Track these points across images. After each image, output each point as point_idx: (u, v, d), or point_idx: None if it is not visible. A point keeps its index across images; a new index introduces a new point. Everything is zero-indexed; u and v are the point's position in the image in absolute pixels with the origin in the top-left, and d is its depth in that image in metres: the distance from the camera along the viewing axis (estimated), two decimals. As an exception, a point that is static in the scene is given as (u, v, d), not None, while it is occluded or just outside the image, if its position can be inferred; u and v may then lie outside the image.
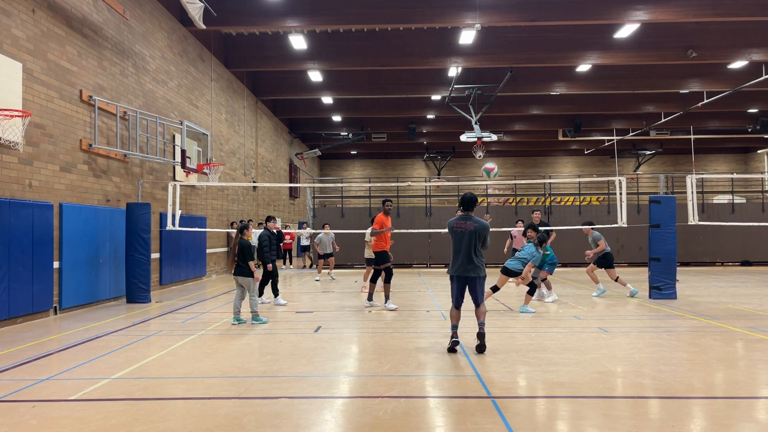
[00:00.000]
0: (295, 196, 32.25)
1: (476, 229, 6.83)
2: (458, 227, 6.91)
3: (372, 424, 4.45)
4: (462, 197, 7.10)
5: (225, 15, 15.61)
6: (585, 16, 15.83)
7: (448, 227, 7.07)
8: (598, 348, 7.10)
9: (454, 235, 6.93)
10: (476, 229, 6.83)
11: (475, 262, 6.82)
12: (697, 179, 13.46)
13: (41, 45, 9.94)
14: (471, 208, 7.02)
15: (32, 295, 9.51)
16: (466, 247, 6.82)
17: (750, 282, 15.60)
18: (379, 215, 10.77)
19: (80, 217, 10.93)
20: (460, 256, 6.87)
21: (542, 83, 22.65)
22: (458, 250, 6.89)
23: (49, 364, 6.62)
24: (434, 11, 15.84)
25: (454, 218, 7.10)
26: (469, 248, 6.81)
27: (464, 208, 7.06)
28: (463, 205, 7.08)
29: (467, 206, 7.03)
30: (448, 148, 38.36)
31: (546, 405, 5.01)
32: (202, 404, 5.00)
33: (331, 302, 11.88)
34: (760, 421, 4.53)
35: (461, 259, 6.86)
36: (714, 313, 9.90)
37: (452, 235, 6.96)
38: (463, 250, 6.84)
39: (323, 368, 6.21)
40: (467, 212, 7.03)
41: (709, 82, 21.98)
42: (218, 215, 18.88)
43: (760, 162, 38.60)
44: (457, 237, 6.90)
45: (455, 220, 7.02)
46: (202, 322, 9.42)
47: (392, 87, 22.93)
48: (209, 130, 16.50)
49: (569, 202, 28.48)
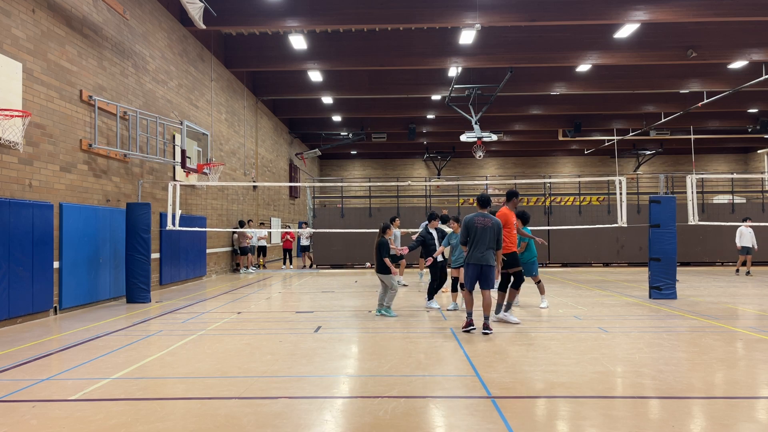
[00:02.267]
0: (295, 196, 32.25)
1: (494, 225, 7.98)
2: (479, 223, 7.96)
3: (372, 424, 4.45)
4: (479, 197, 8.24)
5: (225, 15, 15.61)
6: (585, 16, 15.83)
7: (467, 224, 8.03)
8: (598, 348, 7.10)
9: (474, 230, 7.96)
10: (494, 225, 7.98)
11: (489, 252, 7.92)
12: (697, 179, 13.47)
13: (41, 45, 9.94)
14: (486, 206, 8.14)
15: (32, 295, 9.51)
16: (485, 240, 7.90)
17: (750, 282, 15.60)
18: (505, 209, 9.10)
19: (80, 217, 10.93)
20: (479, 247, 7.92)
21: (542, 83, 22.64)
22: (477, 242, 7.93)
23: (49, 364, 6.62)
24: (434, 11, 15.83)
25: (473, 215, 8.10)
26: (487, 241, 7.90)
27: (481, 206, 8.18)
28: (480, 204, 8.20)
29: (484, 205, 8.16)
30: (448, 148, 38.36)
31: (546, 405, 5.01)
32: (202, 404, 5.00)
33: (331, 302, 11.88)
34: (760, 421, 4.53)
35: (480, 250, 7.91)
36: (714, 313, 9.90)
37: (471, 230, 7.98)
38: (482, 242, 7.91)
39: (323, 368, 6.21)
40: (484, 210, 8.13)
41: (709, 82, 21.98)
42: (218, 215, 18.88)
43: (760, 162, 38.61)
44: (477, 232, 7.95)
45: (475, 217, 8.04)
46: (202, 322, 9.42)
47: (392, 87, 22.92)
48: (209, 130, 16.50)
49: (569, 202, 28.50)
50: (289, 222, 30.46)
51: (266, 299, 12.72)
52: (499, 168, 42.94)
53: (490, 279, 7.97)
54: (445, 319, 9.41)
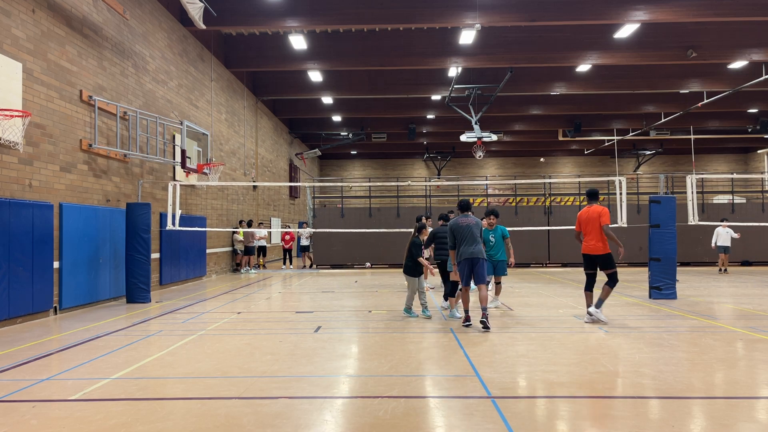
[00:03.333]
0: (295, 196, 32.25)
1: (476, 222, 8.71)
2: (463, 223, 8.61)
3: (372, 424, 4.45)
4: (460, 202, 9.02)
5: (225, 15, 15.61)
6: (585, 16, 15.83)
7: (452, 226, 8.68)
8: (598, 348, 7.10)
9: (460, 229, 8.59)
10: (476, 222, 8.71)
11: (477, 246, 8.49)
12: (697, 179, 13.47)
13: (41, 45, 9.94)
14: (468, 210, 8.88)
15: (32, 295, 9.51)
16: (470, 235, 8.52)
17: (750, 282, 15.60)
18: (597, 207, 8.89)
19: (80, 217, 10.93)
20: (465, 243, 8.50)
21: (542, 83, 22.64)
22: (463, 239, 8.54)
23: (49, 364, 6.62)
24: (434, 11, 15.83)
25: (456, 218, 8.83)
26: (472, 236, 8.51)
27: (462, 210, 8.91)
28: (461, 209, 8.92)
29: (464, 209, 8.90)
30: (448, 148, 38.35)
31: (546, 405, 5.01)
32: (202, 404, 5.00)
33: (331, 302, 11.88)
34: (760, 421, 4.52)
35: (467, 245, 8.49)
36: (714, 313, 9.91)
37: (457, 231, 8.60)
38: (470, 238, 8.51)
39: (323, 368, 6.21)
40: (465, 212, 8.85)
41: (709, 82, 21.98)
42: (218, 215, 18.88)
43: (760, 162, 38.62)
44: (463, 230, 8.57)
45: (459, 219, 8.72)
46: (202, 322, 9.42)
47: (392, 87, 22.92)
48: (209, 130, 16.50)
49: (569, 202, 28.49)
50: (289, 222, 30.46)
51: (266, 299, 12.72)
52: (499, 168, 42.94)
53: (481, 272, 8.45)
54: (445, 319, 9.41)
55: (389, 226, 21.15)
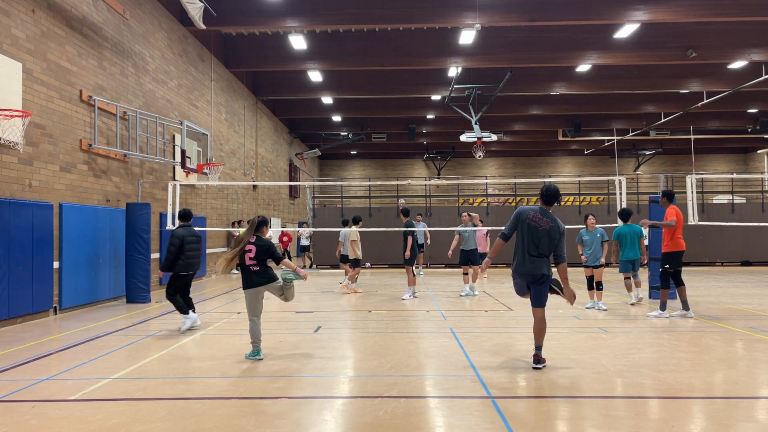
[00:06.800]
0: (295, 196, 32.24)
1: (552, 228, 6.04)
2: (533, 221, 6.08)
3: (372, 424, 4.45)
4: (546, 189, 6.19)
5: (225, 15, 15.61)
6: (585, 16, 15.83)
7: (519, 215, 6.18)
8: (598, 348, 7.10)
9: (527, 229, 6.09)
10: (552, 228, 6.04)
11: (540, 261, 6.10)
12: (697, 179, 13.45)
13: (41, 45, 9.94)
14: (551, 203, 6.17)
15: (32, 295, 9.51)
16: (536, 243, 6.06)
17: (750, 282, 15.60)
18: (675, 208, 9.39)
19: (80, 217, 10.93)
20: (524, 252, 6.10)
21: (542, 83, 22.63)
22: (523, 244, 6.11)
23: (49, 364, 6.62)
24: (434, 11, 15.83)
25: (530, 209, 6.19)
26: (539, 246, 6.05)
27: (543, 202, 6.20)
28: (543, 199, 6.21)
29: (547, 200, 6.18)
30: (448, 148, 38.34)
31: (546, 405, 5.01)
32: (202, 404, 5.00)
33: (331, 302, 11.88)
34: (760, 421, 4.52)
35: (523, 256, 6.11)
36: (714, 313, 9.90)
37: (521, 227, 6.14)
38: (528, 246, 6.07)
39: (323, 368, 6.21)
40: (546, 207, 6.18)
41: (709, 82, 21.97)
42: (218, 215, 18.88)
43: (760, 162, 38.59)
44: (531, 231, 6.08)
45: (531, 212, 6.15)
46: (202, 321, 9.41)
47: (392, 87, 22.92)
48: (209, 130, 16.50)
49: (569, 202, 28.48)
50: (289, 222, 30.45)
51: (266, 299, 12.69)
52: (499, 168, 42.92)
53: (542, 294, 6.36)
54: (445, 319, 9.41)
55: (389, 226, 21.14)
